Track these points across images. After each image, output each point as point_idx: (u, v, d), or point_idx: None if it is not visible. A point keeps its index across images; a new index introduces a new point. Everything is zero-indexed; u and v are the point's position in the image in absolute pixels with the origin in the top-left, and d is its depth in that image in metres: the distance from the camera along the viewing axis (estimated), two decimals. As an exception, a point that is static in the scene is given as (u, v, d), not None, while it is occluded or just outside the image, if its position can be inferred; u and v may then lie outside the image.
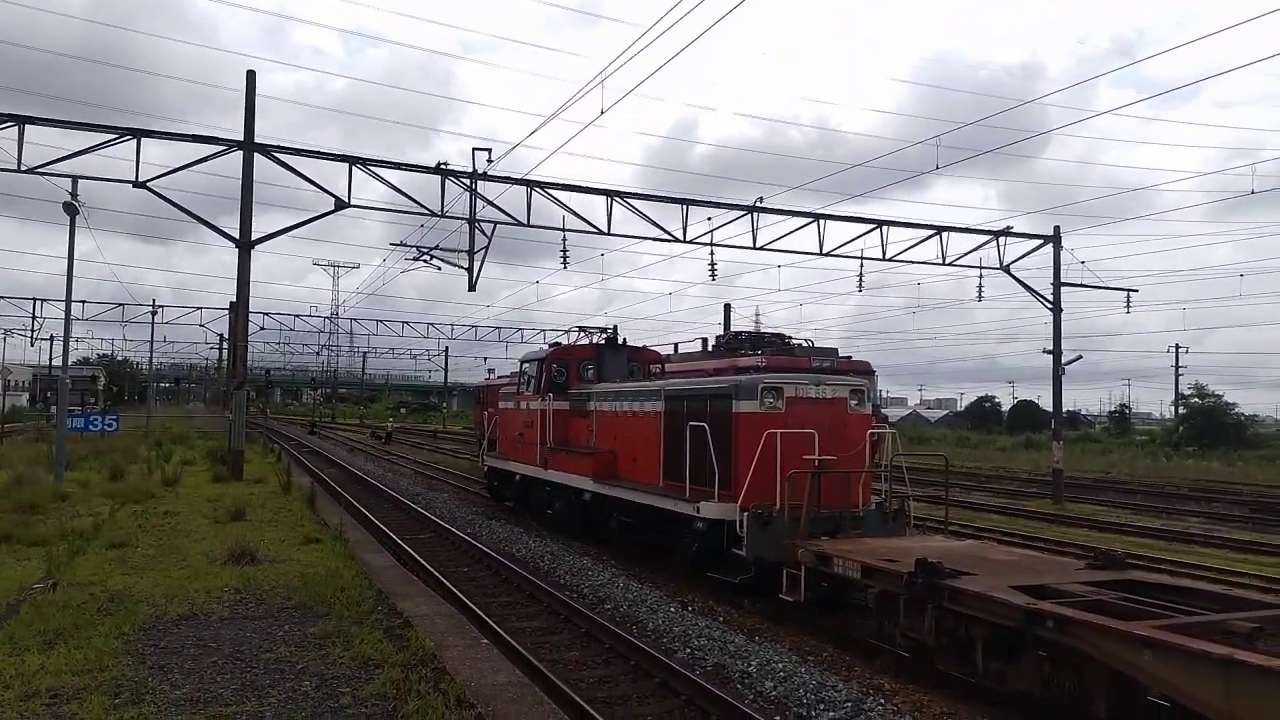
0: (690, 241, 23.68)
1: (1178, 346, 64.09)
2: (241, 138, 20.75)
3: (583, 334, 18.91)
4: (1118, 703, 6.65)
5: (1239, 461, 45.37)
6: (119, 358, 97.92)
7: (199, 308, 53.02)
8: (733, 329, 35.15)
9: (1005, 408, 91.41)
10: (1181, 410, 61.80)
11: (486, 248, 22.62)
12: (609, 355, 17.53)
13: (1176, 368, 63.99)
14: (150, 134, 19.89)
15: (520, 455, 18.57)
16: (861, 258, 25.79)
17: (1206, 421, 56.75)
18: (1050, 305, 26.91)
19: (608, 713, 7.18)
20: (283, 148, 21.08)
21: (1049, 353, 27.07)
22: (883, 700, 7.63)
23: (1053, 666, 6.90)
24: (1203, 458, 48.02)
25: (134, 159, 19.47)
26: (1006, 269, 26.76)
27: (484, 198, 21.93)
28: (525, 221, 22.21)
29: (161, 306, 49.53)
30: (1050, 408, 29.86)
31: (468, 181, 21.62)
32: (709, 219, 23.94)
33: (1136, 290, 29.47)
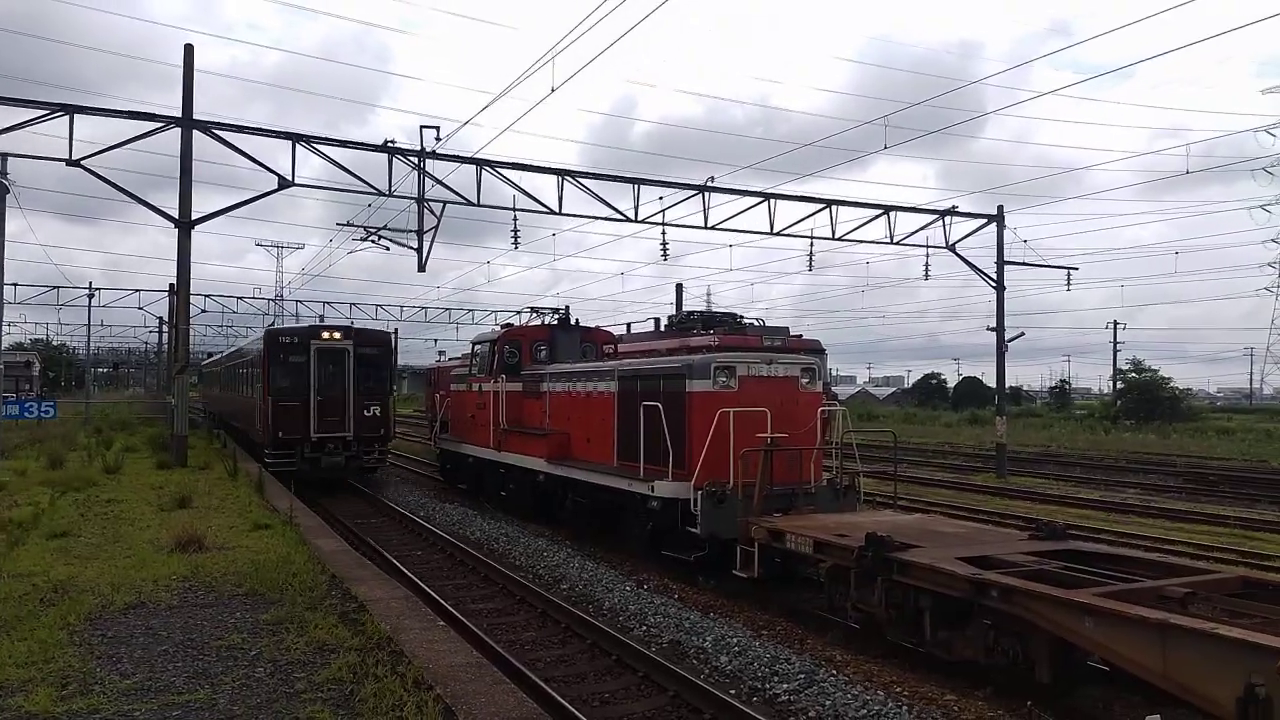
0: (642, 221, 23.65)
1: (1115, 323, 65.85)
2: (178, 114, 20.16)
3: (535, 315, 18.82)
4: (1060, 668, 6.89)
5: (1174, 434, 46.89)
6: (54, 342, 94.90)
7: (137, 290, 51.60)
8: (685, 309, 35.26)
9: (951, 384, 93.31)
10: (1119, 385, 63.61)
11: (436, 228, 22.35)
12: (562, 336, 17.49)
13: (1115, 343, 65.77)
14: (84, 110, 19.21)
15: (473, 437, 18.47)
16: (811, 237, 26.01)
17: (1143, 396, 58.51)
18: (994, 284, 27.45)
19: (565, 691, 7.24)
20: (223, 124, 20.53)
21: (993, 330, 27.64)
22: (834, 671, 7.80)
23: (997, 634, 7.12)
24: (1139, 431, 49.54)
25: (63, 135, 18.83)
26: (951, 248, 27.20)
27: (433, 176, 21.63)
28: (475, 201, 21.97)
29: (98, 289, 48.05)
30: (994, 384, 30.54)
31: (415, 160, 21.30)
32: (660, 198, 23.92)
33: (1077, 268, 30.22)
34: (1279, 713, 5.04)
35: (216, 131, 20.34)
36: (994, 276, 27.43)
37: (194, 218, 20.75)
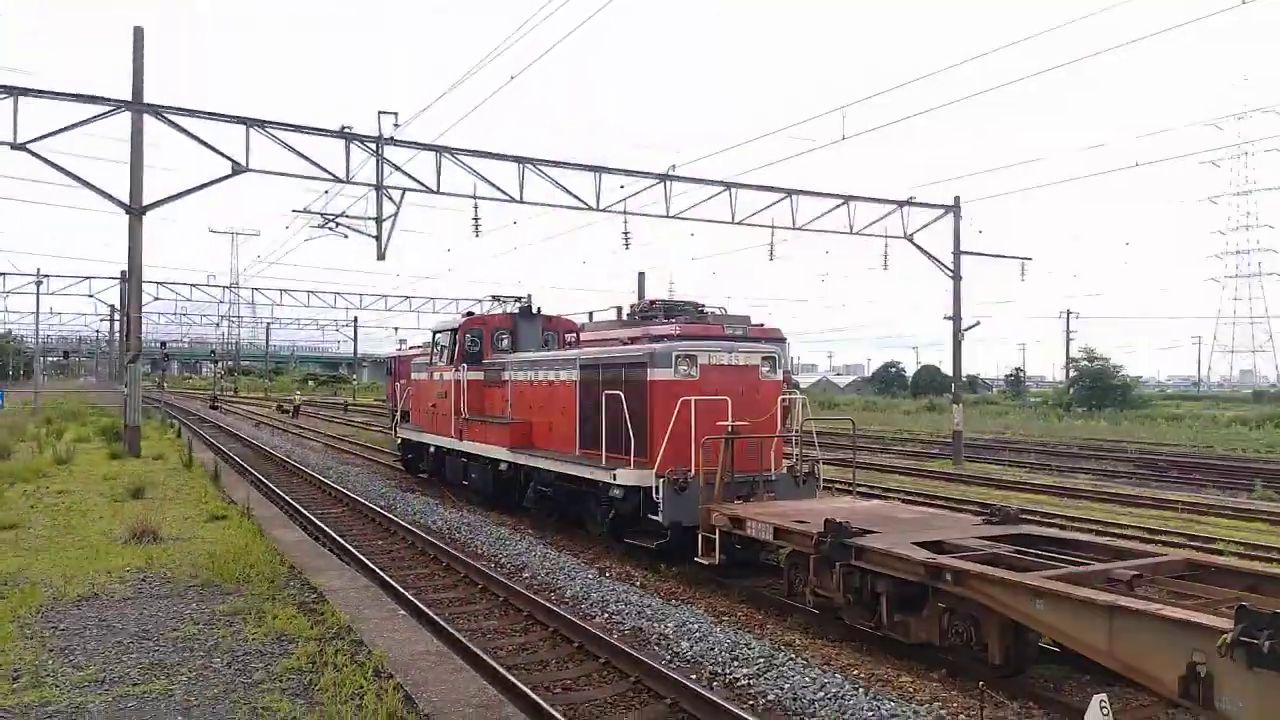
0: (604, 209, 23.61)
1: (1068, 312, 67.07)
2: (128, 97, 19.69)
3: (497, 303, 18.73)
4: (1013, 649, 7.05)
5: (1124, 421, 47.97)
6: (1, 331, 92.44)
7: (87, 277, 50.40)
8: (647, 297, 35.31)
9: (910, 372, 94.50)
10: (1072, 373, 64.86)
11: (395, 215, 22.12)
12: (524, 324, 17.43)
13: (1067, 333, 67.01)
14: (28, 92, 18.70)
15: (434, 426, 18.37)
16: (772, 226, 26.15)
17: (1095, 383, 59.72)
18: (951, 273, 27.83)
19: (527, 678, 7.26)
20: (175, 108, 20.10)
21: (949, 319, 28.04)
22: (793, 655, 7.90)
23: (951, 617, 7.27)
24: (1091, 418, 50.60)
25: (7, 119, 18.27)
26: (909, 238, 27.51)
27: (391, 163, 21.38)
28: (435, 188, 21.77)
29: (47, 276, 46.82)
30: (951, 372, 31.01)
31: (373, 146, 21.04)
32: (622, 186, 23.89)
33: (1031, 259, 30.67)
34: (1220, 690, 5.21)
35: (167, 115, 19.92)
36: (951, 266, 27.80)
37: (146, 204, 20.33)
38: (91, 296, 51.74)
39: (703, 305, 23.55)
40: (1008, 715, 6.67)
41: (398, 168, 21.51)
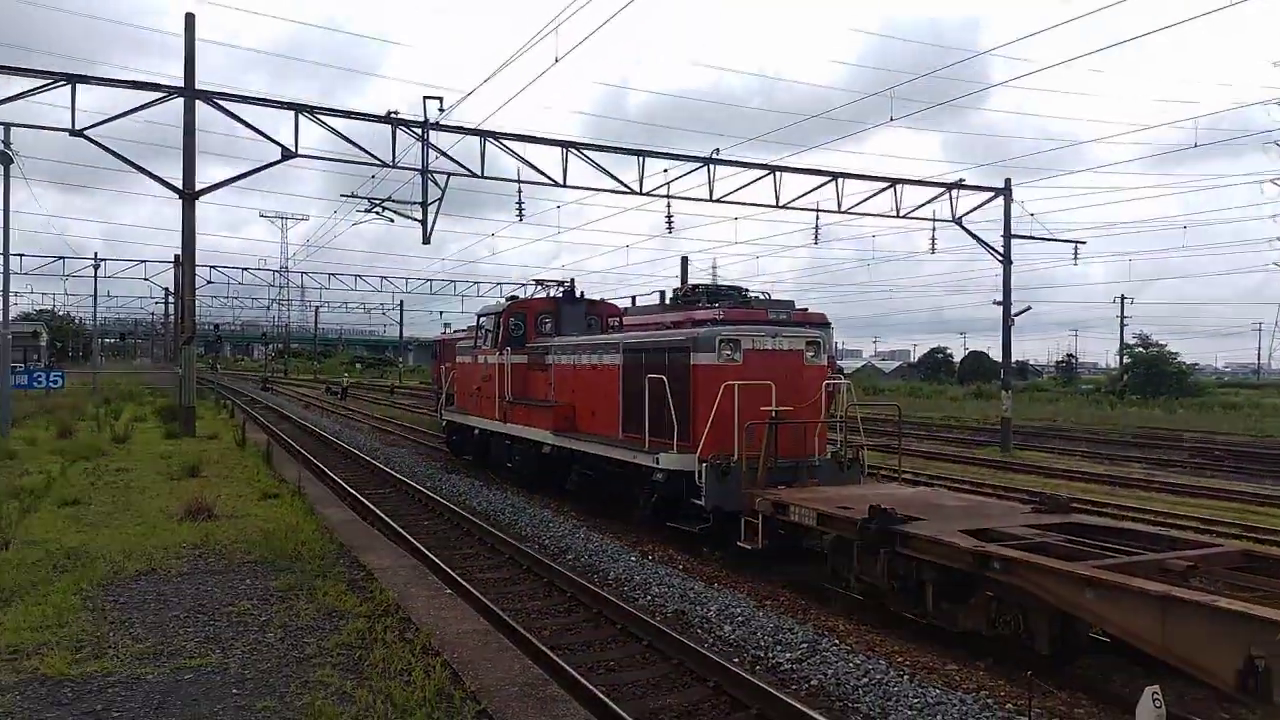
0: (647, 193, 23.56)
1: (1123, 298, 65.59)
2: (179, 83, 20.07)
3: (540, 287, 18.82)
4: (1061, 639, 6.95)
5: (1180, 409, 46.83)
6: (60, 313, 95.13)
7: (142, 261, 51.62)
8: (690, 282, 35.20)
9: (957, 358, 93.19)
10: (1126, 360, 63.45)
11: (440, 199, 22.30)
12: (567, 309, 17.49)
13: (1121, 318, 65.55)
14: (87, 79, 19.15)
15: (479, 409, 18.56)
16: (817, 210, 25.89)
17: (1150, 370, 58.37)
18: (1001, 257, 27.34)
19: (571, 658, 7.32)
20: (226, 94, 20.45)
21: (999, 304, 27.56)
22: (837, 641, 7.87)
23: (999, 606, 7.18)
24: (1146, 406, 49.46)
25: (59, 105, 18.78)
26: (958, 221, 27.07)
27: (436, 148, 21.54)
28: (479, 173, 21.90)
29: (104, 260, 48.00)
30: (1000, 358, 30.53)
31: (419, 131, 21.20)
32: (665, 170, 23.82)
33: (1084, 242, 30.03)
34: (1279, 685, 5.09)
35: (219, 101, 20.26)
36: (1001, 250, 27.31)
37: (198, 189, 20.74)
38: (147, 280, 53.08)
39: (746, 290, 23.43)
40: (1056, 705, 6.58)
41: (443, 152, 21.67)
